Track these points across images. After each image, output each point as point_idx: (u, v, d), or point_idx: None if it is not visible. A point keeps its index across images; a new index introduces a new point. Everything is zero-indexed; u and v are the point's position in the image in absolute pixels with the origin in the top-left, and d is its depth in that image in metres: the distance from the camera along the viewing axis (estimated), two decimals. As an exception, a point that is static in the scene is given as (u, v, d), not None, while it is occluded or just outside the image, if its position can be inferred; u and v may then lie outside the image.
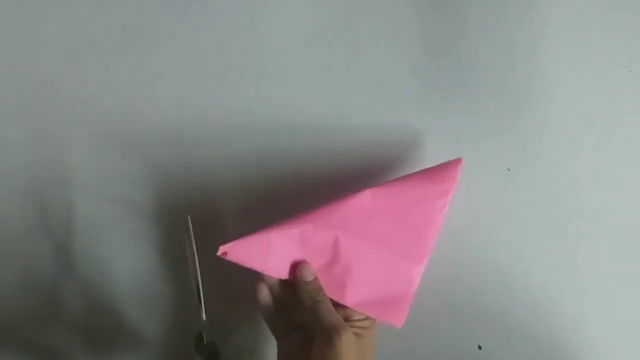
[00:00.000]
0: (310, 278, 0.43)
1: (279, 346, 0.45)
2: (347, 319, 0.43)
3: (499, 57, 0.50)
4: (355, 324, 0.43)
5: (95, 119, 0.51)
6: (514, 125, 0.50)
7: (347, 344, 0.40)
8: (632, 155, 0.49)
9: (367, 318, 0.44)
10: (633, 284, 0.49)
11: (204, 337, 0.43)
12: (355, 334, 0.41)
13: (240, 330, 0.51)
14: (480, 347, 0.50)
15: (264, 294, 0.44)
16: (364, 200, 0.43)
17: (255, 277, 0.44)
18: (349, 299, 0.44)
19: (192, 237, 0.42)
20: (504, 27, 0.49)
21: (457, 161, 0.46)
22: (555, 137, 0.49)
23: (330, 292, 0.44)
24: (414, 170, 0.46)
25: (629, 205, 0.49)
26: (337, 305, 0.44)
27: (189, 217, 0.43)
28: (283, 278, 0.44)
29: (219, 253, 0.41)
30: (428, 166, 0.46)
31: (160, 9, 0.51)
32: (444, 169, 0.45)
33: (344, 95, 0.50)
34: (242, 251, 0.42)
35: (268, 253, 0.42)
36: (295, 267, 0.43)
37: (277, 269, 0.43)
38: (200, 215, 0.48)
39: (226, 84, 0.51)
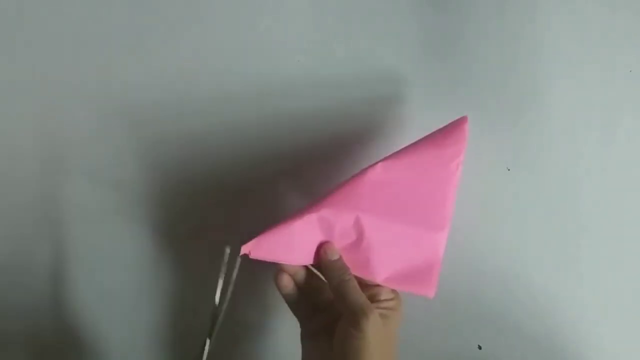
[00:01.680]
0: (336, 257, 0.43)
1: (302, 327, 0.45)
2: (373, 299, 0.42)
3: (499, 57, 0.50)
4: (382, 304, 0.43)
5: (97, 104, 0.51)
6: (514, 125, 0.50)
7: (373, 325, 0.39)
8: (632, 155, 0.49)
9: (393, 298, 0.43)
10: (633, 284, 0.49)
11: None
12: (381, 315, 0.41)
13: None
14: (480, 347, 0.50)
15: (285, 282, 0.44)
16: (377, 174, 0.43)
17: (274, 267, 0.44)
18: (378, 276, 0.43)
19: (233, 272, 0.41)
20: (504, 27, 0.49)
21: (463, 120, 0.45)
22: (555, 137, 0.49)
23: (358, 271, 0.43)
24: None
25: (629, 205, 0.49)
26: (362, 285, 0.43)
27: (227, 249, 0.41)
28: (308, 264, 0.43)
29: (241, 253, 0.40)
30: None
31: (160, 10, 0.51)
32: (452, 131, 0.45)
33: (344, 95, 0.50)
34: (266, 247, 0.41)
35: (292, 244, 0.42)
36: (319, 251, 0.43)
37: (302, 257, 0.43)
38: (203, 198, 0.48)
39: (227, 79, 0.51)
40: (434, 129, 0.45)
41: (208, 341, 0.41)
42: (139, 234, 0.51)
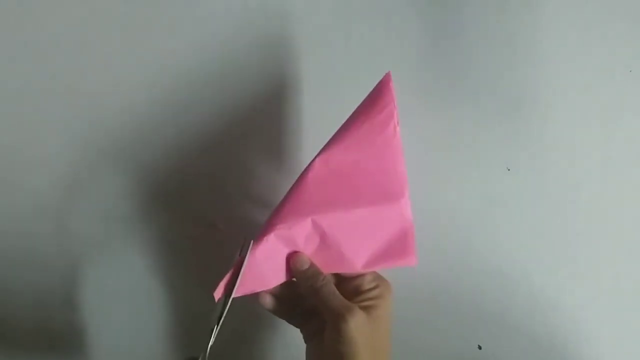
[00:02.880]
0: (306, 266, 0.42)
1: (301, 331, 0.44)
2: (357, 291, 0.42)
3: (499, 57, 0.50)
4: (366, 294, 0.42)
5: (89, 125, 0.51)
6: (514, 125, 0.50)
7: (355, 325, 0.39)
8: (632, 155, 0.49)
9: (377, 286, 0.42)
10: (633, 284, 0.49)
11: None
12: (367, 307, 0.40)
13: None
14: (480, 347, 0.50)
15: (268, 301, 0.43)
16: (318, 171, 0.42)
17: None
18: (356, 265, 0.43)
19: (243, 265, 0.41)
20: (503, 26, 0.49)
21: (387, 79, 0.44)
22: (555, 137, 0.49)
23: (336, 268, 0.43)
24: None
25: (629, 205, 0.49)
26: (345, 279, 0.43)
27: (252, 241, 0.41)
28: (283, 281, 0.43)
29: (216, 299, 0.40)
30: (428, 168, 0.46)
31: (160, 9, 0.51)
32: (378, 95, 0.43)
33: (343, 95, 0.50)
34: (238, 284, 0.40)
35: (261, 271, 0.41)
36: (288, 263, 0.42)
37: (276, 278, 0.42)
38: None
39: (227, 84, 0.50)
40: (433, 129, 0.45)
41: (216, 327, 0.40)
42: (145, 236, 0.51)
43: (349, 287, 0.42)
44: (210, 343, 0.40)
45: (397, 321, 0.46)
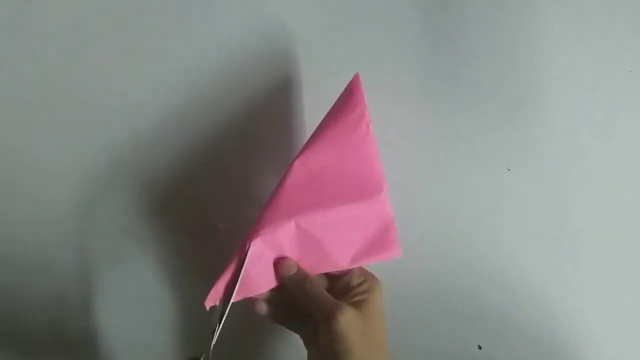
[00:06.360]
0: (293, 271, 0.43)
1: (300, 336, 0.45)
2: (346, 288, 0.43)
3: (499, 57, 0.50)
4: (355, 290, 0.42)
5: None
6: (514, 125, 0.50)
7: (345, 322, 0.39)
8: (632, 155, 0.49)
9: (364, 280, 0.43)
10: (633, 284, 0.49)
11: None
12: (358, 303, 0.41)
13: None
14: (480, 347, 0.50)
15: (264, 309, 0.44)
16: (299, 173, 0.42)
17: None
18: (342, 262, 0.43)
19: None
20: (503, 26, 0.49)
21: (356, 79, 0.45)
22: (555, 137, 0.49)
23: (323, 268, 0.43)
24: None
25: (629, 205, 0.49)
26: (333, 278, 0.44)
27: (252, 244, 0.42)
28: (275, 286, 0.43)
29: (207, 307, 0.41)
30: (428, 168, 0.46)
31: (160, 10, 0.51)
32: (349, 95, 0.44)
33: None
34: (228, 293, 0.41)
35: (250, 277, 0.42)
36: (275, 269, 0.43)
37: (266, 283, 0.43)
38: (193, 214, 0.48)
39: (227, 84, 0.51)
40: (433, 129, 0.45)
41: (218, 327, 0.41)
42: (151, 238, 0.51)
43: (339, 285, 0.43)
44: (213, 342, 0.40)
45: (397, 321, 0.46)
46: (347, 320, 0.39)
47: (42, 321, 0.51)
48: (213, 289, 0.41)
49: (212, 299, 0.41)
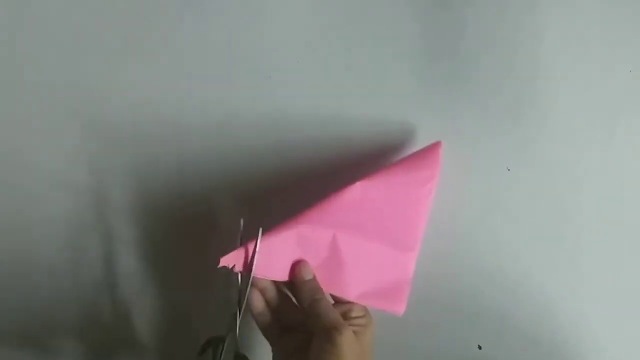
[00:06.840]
0: (309, 277, 0.43)
1: (273, 348, 0.45)
2: (345, 316, 0.43)
3: (499, 57, 0.50)
4: (354, 321, 0.43)
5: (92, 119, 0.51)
6: (514, 125, 0.50)
7: (348, 341, 0.39)
8: (632, 155, 0.49)
9: (364, 315, 0.44)
10: (633, 284, 0.49)
11: (235, 347, 0.42)
12: (354, 332, 0.41)
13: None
14: (480, 347, 0.50)
15: (258, 301, 0.44)
16: (355, 194, 0.43)
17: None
18: (351, 293, 0.44)
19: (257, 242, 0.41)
20: (504, 27, 0.49)
21: (437, 145, 0.46)
22: (555, 137, 0.49)
23: (331, 289, 0.44)
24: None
25: (629, 205, 0.49)
26: (336, 300, 0.44)
27: (242, 220, 0.42)
28: (283, 280, 0.44)
29: (219, 265, 0.41)
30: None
31: (160, 10, 0.51)
32: (426, 155, 0.46)
33: (344, 96, 0.50)
34: (244, 260, 0.41)
35: (269, 258, 0.42)
36: (294, 268, 0.43)
37: (277, 272, 0.43)
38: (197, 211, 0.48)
39: (227, 84, 0.50)
40: (433, 129, 0.45)
41: (242, 306, 0.41)
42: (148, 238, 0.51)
43: (338, 310, 0.43)
44: (238, 322, 0.41)
45: (397, 321, 0.46)
46: (350, 339, 0.40)
47: (42, 320, 0.51)
48: (235, 252, 0.41)
49: (228, 260, 0.41)
